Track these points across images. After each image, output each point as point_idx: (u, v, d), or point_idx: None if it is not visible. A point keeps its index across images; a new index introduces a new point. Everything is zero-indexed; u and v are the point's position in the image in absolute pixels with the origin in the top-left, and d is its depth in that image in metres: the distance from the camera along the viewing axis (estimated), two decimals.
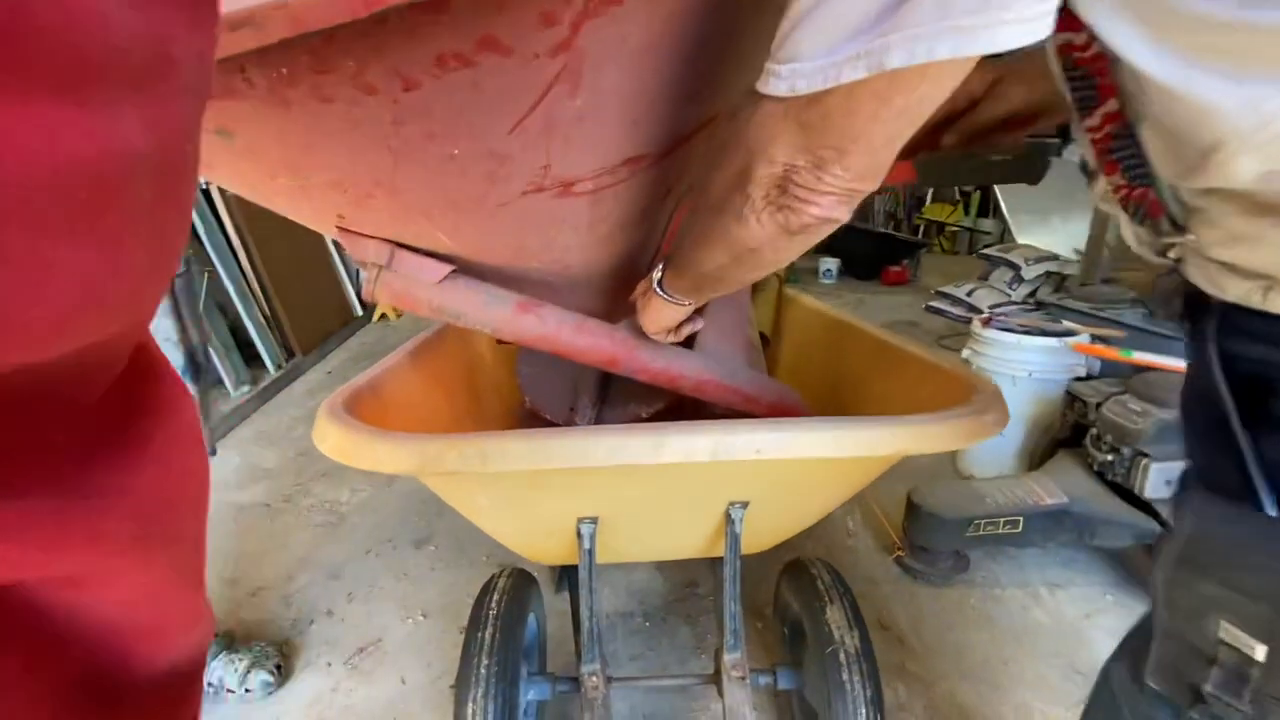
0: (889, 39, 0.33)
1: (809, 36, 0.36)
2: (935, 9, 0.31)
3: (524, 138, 0.57)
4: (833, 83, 0.36)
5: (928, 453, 0.67)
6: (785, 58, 0.38)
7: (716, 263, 0.57)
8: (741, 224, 0.48)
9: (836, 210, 0.44)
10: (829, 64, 0.36)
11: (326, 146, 0.54)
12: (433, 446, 0.63)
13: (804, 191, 0.43)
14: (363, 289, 0.74)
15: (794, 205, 0.44)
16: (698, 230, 0.57)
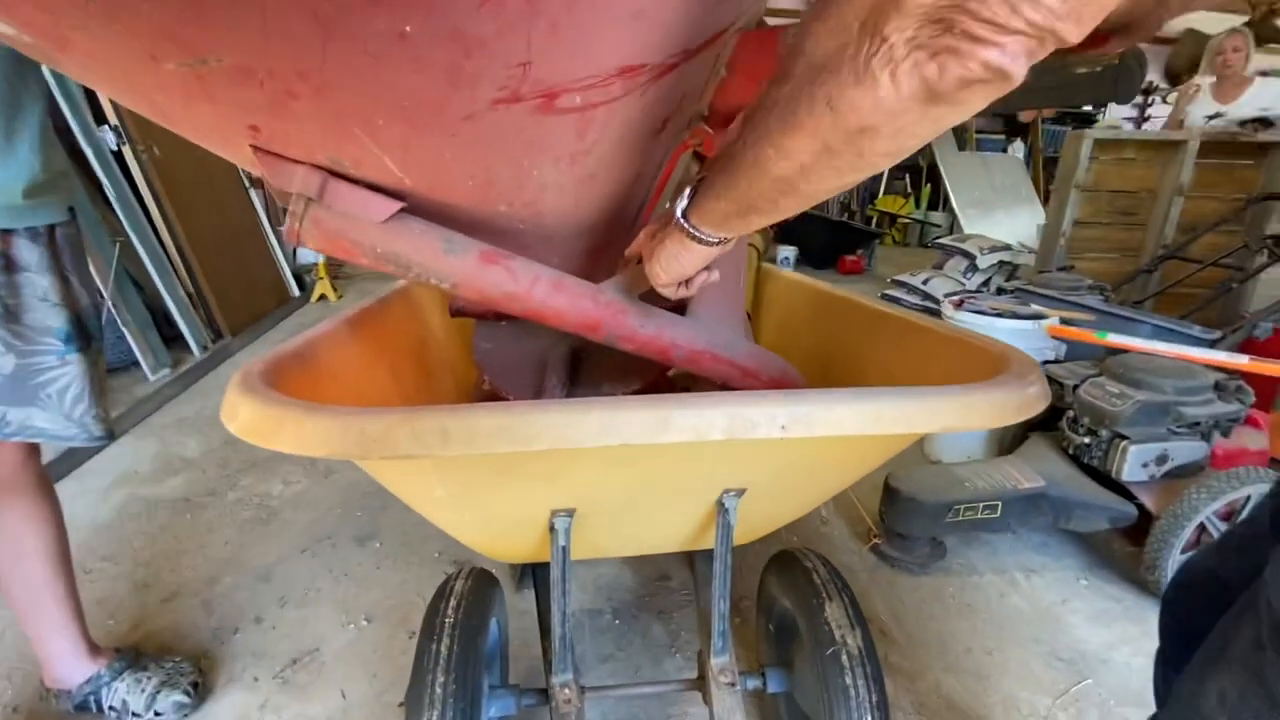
0: None
1: None
2: None
3: (500, 14, 0.43)
4: None
5: (973, 429, 0.57)
6: None
7: (794, 162, 0.43)
8: (863, 84, 0.35)
9: (1017, 61, 0.32)
10: None
11: (227, 10, 0.39)
12: (376, 423, 0.49)
13: (981, 26, 0.31)
14: (285, 229, 0.59)
15: (960, 47, 0.32)
16: (769, 120, 0.43)
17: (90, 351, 0.95)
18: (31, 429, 0.91)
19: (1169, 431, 1.50)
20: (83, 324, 0.94)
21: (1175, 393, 1.49)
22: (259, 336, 3.41)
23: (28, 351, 0.88)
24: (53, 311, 0.89)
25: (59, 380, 0.91)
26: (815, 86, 0.38)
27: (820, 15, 0.39)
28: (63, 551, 1.08)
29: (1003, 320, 1.93)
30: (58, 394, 0.92)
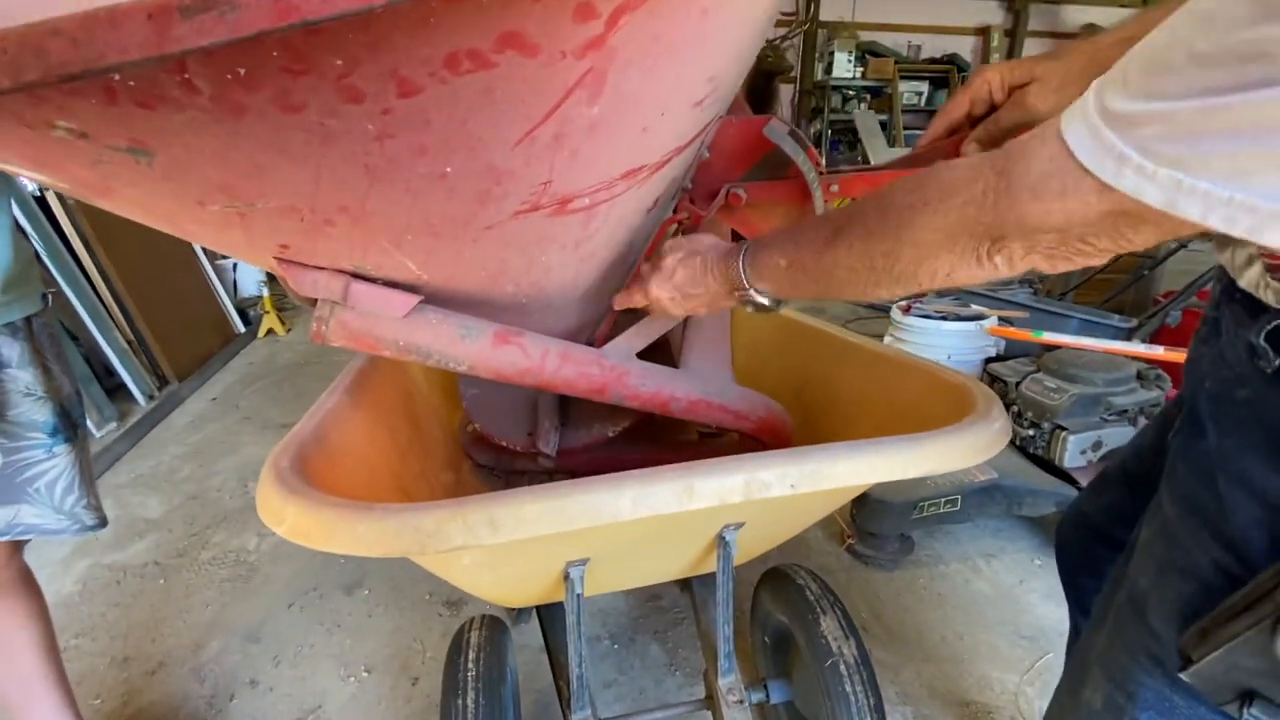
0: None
1: (1266, 163, 0.30)
2: None
3: (529, 151, 0.48)
4: (1232, 229, 0.31)
5: (952, 469, 0.65)
6: (1178, 160, 0.32)
7: (885, 293, 0.53)
8: (983, 267, 0.45)
9: (1107, 259, 0.42)
10: (1244, 205, 0.30)
11: (283, 167, 0.42)
12: (428, 519, 0.53)
13: (1088, 249, 0.40)
14: (312, 330, 0.62)
15: (1073, 257, 0.42)
16: (862, 266, 0.52)
17: (77, 440, 0.94)
18: (21, 526, 0.89)
19: (1101, 420, 1.65)
20: (67, 413, 0.93)
21: (1105, 384, 1.65)
22: (208, 379, 3.28)
23: (14, 449, 0.86)
24: (37, 405, 0.87)
25: (48, 473, 0.90)
26: (936, 263, 0.47)
27: (935, 228, 0.46)
28: (51, 643, 1.05)
29: (947, 322, 2.07)
30: (46, 487, 0.90)
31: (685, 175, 0.75)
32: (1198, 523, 0.53)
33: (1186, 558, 0.53)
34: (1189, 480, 0.55)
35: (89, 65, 0.28)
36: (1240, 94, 0.28)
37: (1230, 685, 0.47)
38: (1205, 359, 0.58)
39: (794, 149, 0.66)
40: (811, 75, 6.69)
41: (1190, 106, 0.30)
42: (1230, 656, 0.46)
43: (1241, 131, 0.29)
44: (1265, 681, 0.45)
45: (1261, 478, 0.48)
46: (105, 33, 0.28)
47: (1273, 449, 0.47)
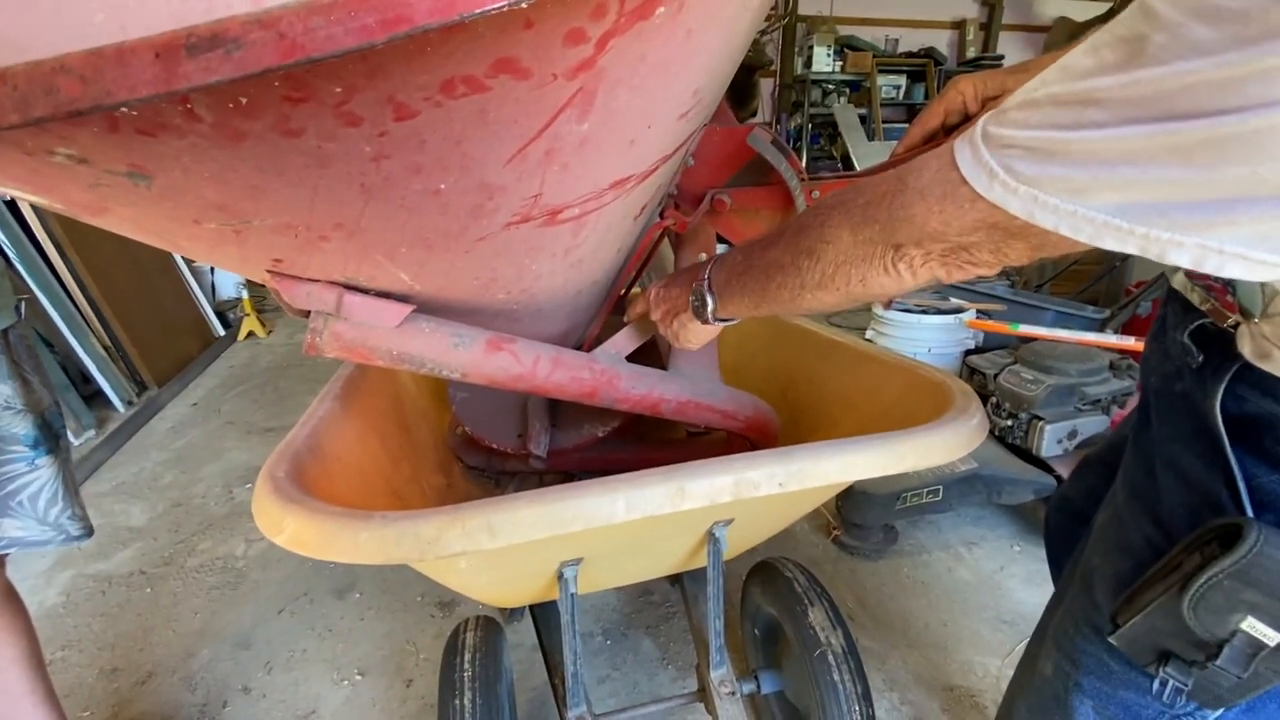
0: (1181, 239, 0.33)
1: (1097, 185, 0.34)
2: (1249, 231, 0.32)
3: (521, 167, 0.49)
4: (1078, 236, 0.36)
5: (932, 465, 0.68)
6: (1033, 179, 0.36)
7: (820, 304, 0.56)
8: (889, 274, 0.49)
9: (993, 271, 0.46)
10: (1084, 216, 0.35)
11: (280, 187, 0.43)
12: (428, 527, 0.54)
13: (978, 257, 0.44)
14: (306, 342, 0.62)
15: (964, 266, 0.45)
16: (801, 276, 0.55)
17: (59, 450, 0.93)
18: (5, 539, 0.89)
19: (1076, 409, 1.70)
20: (48, 424, 0.92)
21: (1079, 375, 1.70)
22: (188, 384, 3.24)
23: None
24: (17, 418, 0.87)
25: (30, 486, 0.89)
26: (850, 268, 0.51)
27: (845, 225, 0.50)
28: (37, 657, 1.04)
29: (927, 316, 2.11)
30: (30, 500, 0.90)
31: (671, 182, 0.77)
32: (1138, 505, 0.58)
33: (1127, 537, 0.58)
34: (1135, 467, 0.61)
35: (97, 102, 0.28)
36: (1078, 131, 0.34)
37: (1150, 647, 0.53)
38: (1154, 354, 0.63)
39: (776, 156, 0.68)
40: (791, 69, 6.72)
41: (1044, 135, 0.36)
42: (1148, 620, 0.52)
43: (1077, 160, 0.35)
44: (1177, 642, 0.51)
45: (1186, 463, 0.53)
46: (113, 70, 0.28)
47: (1196, 437, 0.52)
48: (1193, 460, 0.53)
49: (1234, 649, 0.48)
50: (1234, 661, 0.48)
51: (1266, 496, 0.49)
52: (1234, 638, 0.48)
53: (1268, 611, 0.46)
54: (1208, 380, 0.52)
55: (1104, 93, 0.33)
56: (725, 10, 0.49)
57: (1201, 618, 0.48)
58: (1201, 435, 0.52)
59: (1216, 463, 0.51)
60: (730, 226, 0.79)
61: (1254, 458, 0.49)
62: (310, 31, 0.28)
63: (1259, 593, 0.45)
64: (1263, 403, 0.48)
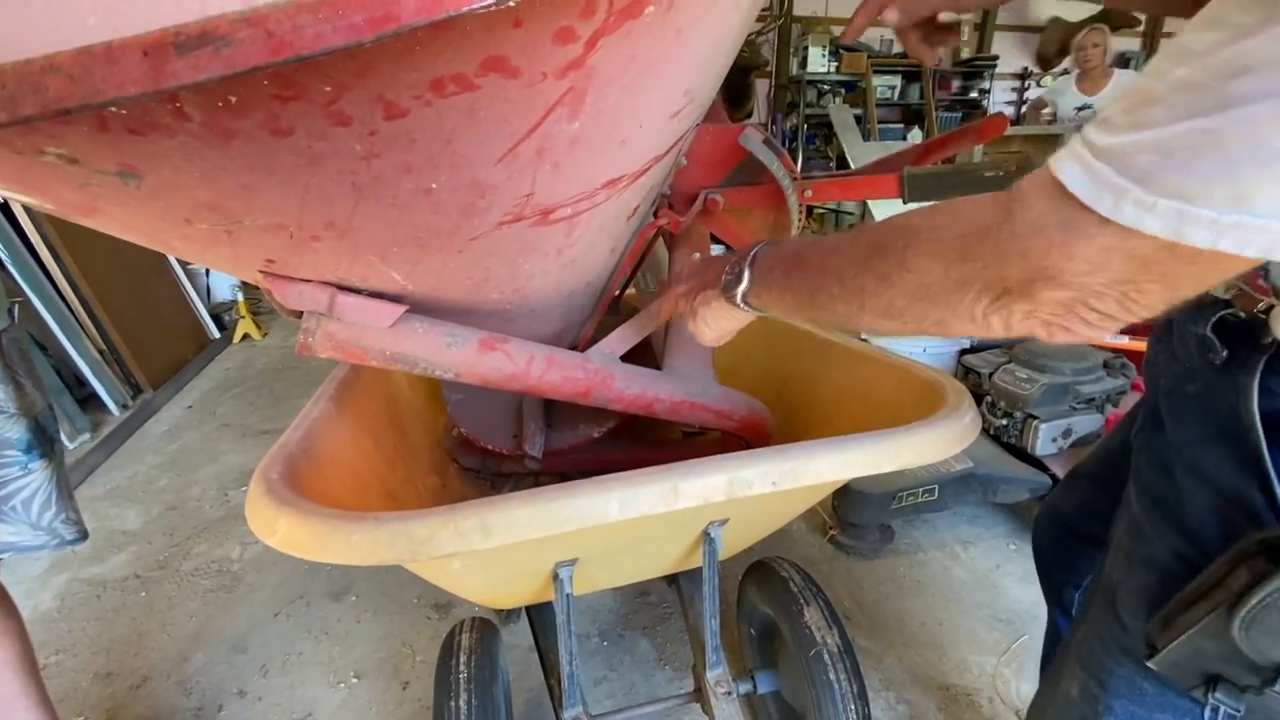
0: None
1: (1264, 179, 0.28)
2: None
3: (512, 166, 0.49)
4: (1244, 250, 0.29)
5: (925, 463, 0.68)
6: (1177, 188, 0.30)
7: (870, 327, 0.49)
8: (975, 324, 0.41)
9: (1110, 330, 0.39)
10: (1254, 226, 0.29)
11: (271, 186, 0.43)
12: (421, 527, 0.54)
13: (1093, 315, 0.37)
14: (299, 342, 0.62)
15: (1073, 327, 0.38)
16: (864, 299, 0.47)
17: (53, 455, 0.93)
18: None
19: (1070, 408, 1.70)
20: (42, 428, 0.92)
21: (1073, 374, 1.70)
22: (183, 386, 3.23)
23: None
24: (10, 423, 0.86)
25: (24, 490, 0.89)
26: (929, 305, 0.43)
27: (935, 257, 0.42)
28: (31, 661, 1.04)
29: None
30: (23, 504, 0.89)
31: (664, 182, 0.77)
32: (1160, 515, 0.55)
33: (1149, 548, 0.56)
34: (1151, 474, 0.58)
35: (86, 100, 0.29)
36: (1226, 111, 0.28)
37: (1195, 670, 0.49)
38: (1160, 357, 0.61)
39: (768, 156, 0.68)
40: (787, 70, 6.74)
41: (1180, 130, 0.30)
42: (1193, 643, 0.48)
43: (1233, 150, 0.28)
44: (1227, 666, 0.47)
45: (1212, 466, 0.50)
46: (102, 69, 0.28)
47: (1222, 438, 0.50)
48: (1220, 464, 0.50)
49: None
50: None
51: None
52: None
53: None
54: (1238, 376, 0.49)
55: (1254, 54, 0.27)
56: (715, 9, 0.49)
57: (1255, 640, 0.45)
58: (1228, 437, 0.49)
59: (1248, 465, 0.48)
60: (724, 226, 0.79)
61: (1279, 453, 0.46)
62: (299, 29, 0.29)
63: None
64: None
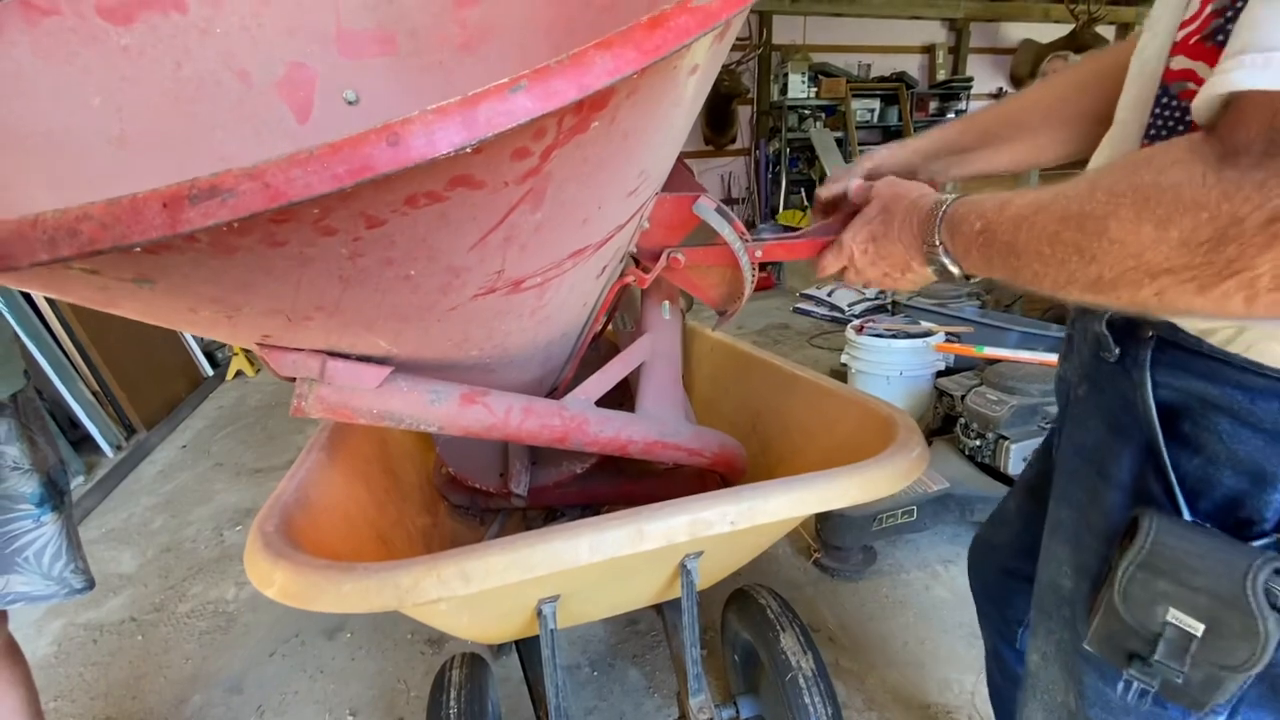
0: None
1: None
2: None
3: (483, 251, 0.55)
4: None
5: (874, 498, 0.73)
6: None
7: (1093, 301, 0.43)
8: (1208, 295, 0.36)
9: None
10: None
11: (268, 283, 0.49)
12: (406, 576, 0.59)
13: None
14: (293, 406, 0.68)
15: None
16: (1070, 269, 0.42)
17: (63, 507, 0.97)
18: (11, 595, 0.92)
19: (1040, 428, 1.77)
20: (53, 482, 0.96)
21: (1040, 395, 1.77)
22: (177, 425, 3.26)
23: (3, 521, 0.90)
24: (25, 478, 0.91)
25: (36, 542, 0.93)
26: (1144, 276, 0.38)
27: (1144, 220, 0.37)
28: (36, 708, 1.07)
29: (898, 340, 2.18)
30: (35, 555, 0.93)
31: (629, 243, 0.84)
32: (1081, 523, 0.59)
33: (1080, 557, 0.60)
34: (1065, 484, 0.62)
35: (116, 243, 0.35)
36: None
37: (1119, 649, 0.52)
38: (1068, 370, 0.65)
39: (719, 223, 0.75)
40: (768, 96, 6.91)
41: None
42: (1104, 620, 0.52)
43: None
44: (1131, 640, 0.51)
45: (1116, 466, 0.54)
46: (128, 217, 0.34)
47: (1123, 435, 0.53)
48: (1122, 461, 0.53)
49: (1168, 642, 0.48)
50: (1171, 655, 0.48)
51: (1196, 485, 0.48)
52: (1165, 630, 0.48)
53: (1184, 601, 0.46)
54: (1131, 371, 0.51)
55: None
56: (657, 111, 0.56)
57: (1131, 610, 0.49)
58: (1128, 433, 0.52)
59: (1148, 459, 0.51)
60: (687, 280, 0.85)
61: (1175, 445, 0.49)
62: (290, 181, 0.35)
63: (1168, 581, 0.46)
64: (1178, 383, 0.48)
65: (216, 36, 0.99)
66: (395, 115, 0.42)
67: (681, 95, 0.58)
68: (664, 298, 1.05)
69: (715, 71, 0.67)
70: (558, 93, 0.38)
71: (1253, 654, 0.45)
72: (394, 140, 0.35)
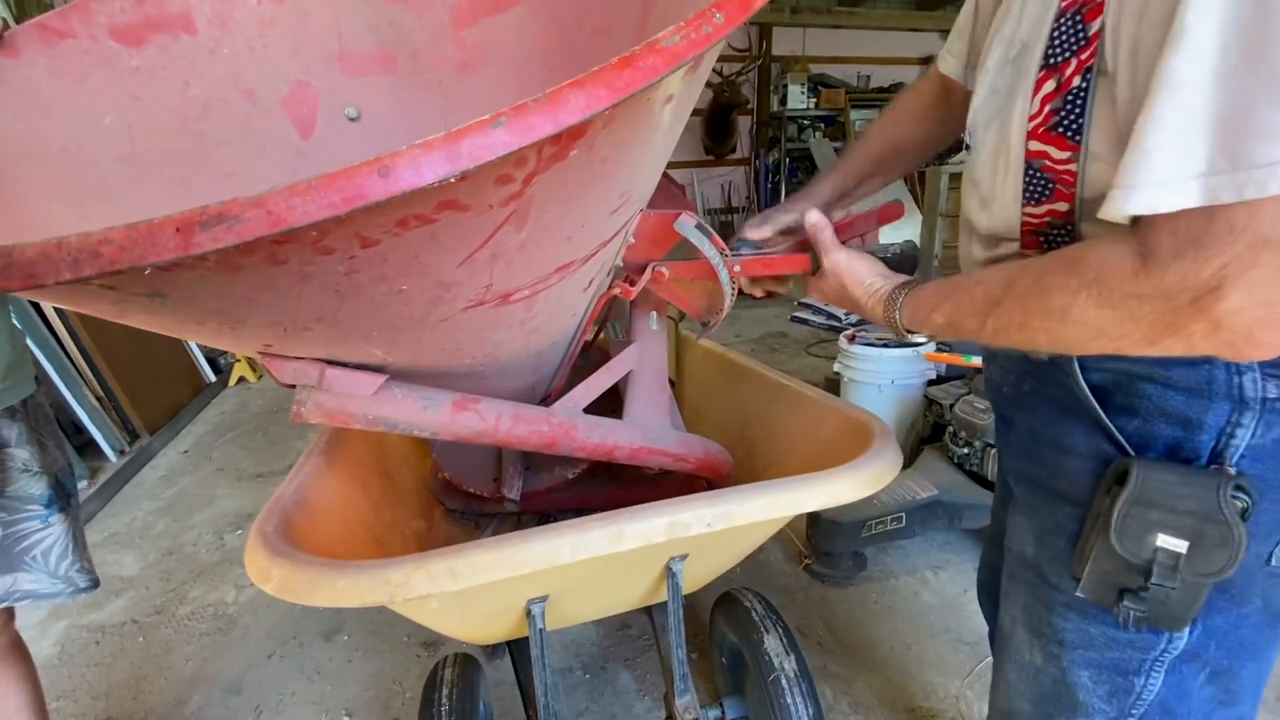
0: None
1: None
2: None
3: (471, 267, 0.59)
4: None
5: (846, 502, 0.77)
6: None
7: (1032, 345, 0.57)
8: (1140, 346, 0.49)
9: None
10: None
11: (269, 298, 0.53)
12: (396, 572, 0.62)
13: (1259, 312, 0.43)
14: (292, 412, 0.71)
15: (1250, 333, 0.44)
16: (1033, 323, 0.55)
17: (70, 508, 1.01)
18: (18, 592, 0.96)
19: None
20: (61, 484, 1.00)
21: None
22: (179, 431, 3.29)
23: (11, 522, 0.93)
24: (34, 480, 0.95)
25: (43, 542, 0.97)
26: (1105, 342, 0.51)
27: (1098, 304, 0.49)
28: (41, 706, 1.10)
29: (889, 350, 2.22)
30: (42, 554, 0.97)
31: (615, 257, 0.87)
32: (1043, 493, 0.68)
33: (1049, 521, 0.67)
34: (1018, 466, 0.71)
35: (133, 264, 0.38)
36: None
37: (1109, 589, 0.61)
38: (995, 373, 0.74)
39: (699, 239, 0.79)
40: (767, 107, 6.98)
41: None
42: (1096, 566, 0.60)
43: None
44: (1123, 575, 0.59)
45: (1070, 438, 0.63)
46: (145, 240, 0.38)
47: (1068, 414, 0.63)
48: (1074, 434, 0.63)
49: (1160, 565, 0.56)
50: (1163, 576, 0.57)
51: (1141, 440, 0.59)
52: (1157, 554, 0.56)
53: (1171, 525, 0.55)
54: (1060, 363, 0.61)
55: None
56: (635, 137, 0.60)
57: (1126, 545, 0.57)
58: (1072, 411, 0.62)
59: (1095, 429, 0.60)
60: (671, 292, 0.89)
61: (1114, 412, 0.59)
62: (291, 209, 0.39)
63: (1159, 510, 0.55)
64: (1105, 366, 0.58)
65: (224, 57, 1.04)
66: (395, 132, 0.45)
67: (658, 122, 0.62)
68: (651, 308, 1.09)
69: (694, 97, 0.71)
70: (534, 128, 0.42)
71: (1230, 558, 0.54)
72: (384, 172, 0.39)
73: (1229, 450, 0.55)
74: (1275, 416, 0.54)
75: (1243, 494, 0.54)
